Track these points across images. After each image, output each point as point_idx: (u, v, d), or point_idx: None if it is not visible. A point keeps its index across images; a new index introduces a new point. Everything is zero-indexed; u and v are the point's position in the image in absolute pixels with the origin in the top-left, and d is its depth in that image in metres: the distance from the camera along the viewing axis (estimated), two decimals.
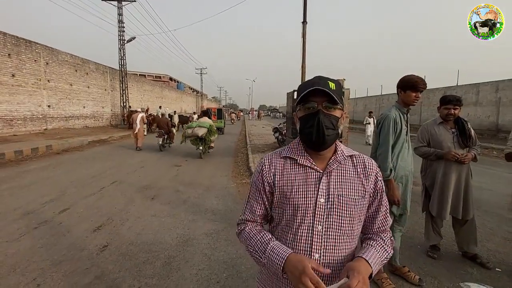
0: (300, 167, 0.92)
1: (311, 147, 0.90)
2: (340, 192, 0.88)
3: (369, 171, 0.94)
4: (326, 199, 0.88)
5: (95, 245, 3.05)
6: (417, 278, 2.37)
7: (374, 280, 2.38)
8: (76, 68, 16.10)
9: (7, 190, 4.98)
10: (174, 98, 37.76)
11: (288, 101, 8.01)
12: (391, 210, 2.27)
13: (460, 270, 2.56)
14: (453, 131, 2.63)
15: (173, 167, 7.44)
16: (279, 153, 0.98)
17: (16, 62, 11.84)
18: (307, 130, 0.87)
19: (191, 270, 2.60)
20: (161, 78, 44.58)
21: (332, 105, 0.86)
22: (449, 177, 2.60)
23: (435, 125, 2.72)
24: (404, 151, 2.28)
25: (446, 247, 2.99)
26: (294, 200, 0.89)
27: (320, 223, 0.87)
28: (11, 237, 3.21)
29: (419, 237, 3.22)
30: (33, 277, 2.46)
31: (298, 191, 0.89)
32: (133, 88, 23.00)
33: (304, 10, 9.03)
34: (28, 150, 8.48)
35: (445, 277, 2.46)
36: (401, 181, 2.28)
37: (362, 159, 0.96)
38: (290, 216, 0.90)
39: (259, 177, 0.96)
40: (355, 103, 32.31)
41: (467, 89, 17.81)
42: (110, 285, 2.36)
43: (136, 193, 5.03)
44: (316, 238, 0.87)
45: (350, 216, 0.88)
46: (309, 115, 0.87)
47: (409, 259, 2.76)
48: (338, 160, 0.92)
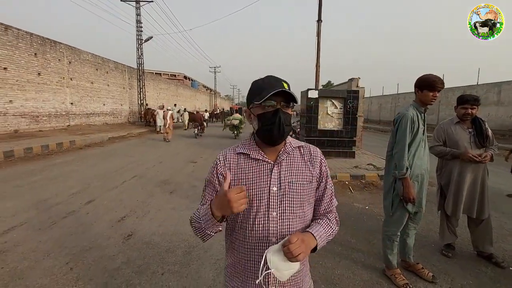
0: (253, 161, 0.99)
1: (269, 141, 0.97)
2: (290, 179, 0.97)
3: (315, 159, 1.04)
4: (278, 187, 0.96)
5: (120, 234, 3.26)
6: (431, 275, 2.41)
7: (387, 275, 2.44)
8: (97, 67, 16.71)
9: (38, 182, 5.33)
10: (188, 96, 38.37)
11: (302, 100, 8.06)
12: (406, 208, 2.32)
13: (474, 269, 2.57)
14: (470, 131, 2.64)
15: (189, 163, 7.67)
16: (233, 149, 1.04)
17: (42, 61, 12.44)
18: (268, 126, 0.94)
19: (210, 259, 2.75)
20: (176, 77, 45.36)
21: (288, 104, 0.95)
22: (464, 177, 2.61)
23: (451, 125, 2.73)
24: (420, 150, 2.32)
25: (461, 246, 3.00)
26: (249, 192, 0.96)
27: (274, 209, 0.95)
28: (43, 225, 3.47)
29: (433, 236, 3.23)
30: (65, 261, 2.68)
31: (252, 182, 0.96)
32: (149, 86, 23.59)
33: (319, 9, 9.01)
34: (53, 145, 8.96)
35: (459, 275, 2.48)
36: (417, 179, 2.32)
37: (308, 149, 1.05)
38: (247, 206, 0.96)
39: (214, 172, 1.02)
40: (370, 102, 31.69)
41: (488, 88, 17.12)
42: (136, 271, 2.54)
43: (156, 187, 5.26)
44: (272, 224, 0.95)
45: (300, 200, 0.97)
46: (270, 113, 0.93)
47: (423, 257, 2.79)
48: (287, 151, 1.00)
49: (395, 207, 2.37)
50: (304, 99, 7.72)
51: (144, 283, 2.36)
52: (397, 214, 2.37)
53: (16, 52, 11.09)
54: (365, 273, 2.54)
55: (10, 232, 3.24)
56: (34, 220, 3.59)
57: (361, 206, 4.38)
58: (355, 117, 7.57)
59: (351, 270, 2.58)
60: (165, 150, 9.87)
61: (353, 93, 7.57)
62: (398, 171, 2.26)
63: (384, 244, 2.48)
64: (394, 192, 2.36)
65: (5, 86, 10.60)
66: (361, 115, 8.97)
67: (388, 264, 2.46)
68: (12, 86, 10.93)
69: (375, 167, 6.37)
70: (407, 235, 2.49)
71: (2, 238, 3.09)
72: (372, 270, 2.58)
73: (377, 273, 2.54)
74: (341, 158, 7.48)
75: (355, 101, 7.48)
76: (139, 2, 18.91)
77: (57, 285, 2.31)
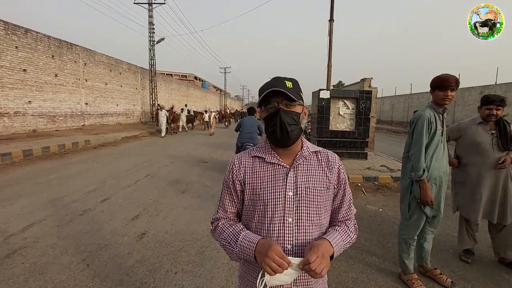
0: (268, 164, 0.97)
1: (277, 144, 0.95)
2: (307, 184, 0.94)
3: (332, 164, 1.00)
4: (294, 193, 0.93)
5: (134, 233, 3.31)
6: (449, 281, 2.34)
7: (403, 280, 2.39)
8: (111, 68, 17.10)
9: (55, 180, 5.49)
10: (199, 97, 38.73)
11: (314, 100, 7.99)
12: (423, 211, 2.26)
13: (496, 276, 2.48)
14: (493, 133, 2.53)
15: (200, 163, 7.73)
16: (248, 152, 1.03)
17: (59, 63, 12.83)
18: (271, 128, 0.92)
19: (222, 259, 2.75)
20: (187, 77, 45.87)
21: (291, 102, 0.91)
22: (483, 180, 2.51)
23: (473, 125, 2.62)
24: (439, 151, 2.25)
25: (481, 252, 2.89)
26: (264, 196, 0.94)
27: (290, 215, 0.92)
28: (61, 222, 3.57)
29: (452, 241, 3.13)
30: (82, 258, 2.74)
31: (267, 187, 0.94)
32: (161, 87, 23.94)
33: (331, 8, 8.91)
34: (69, 144, 9.22)
35: (479, 282, 2.40)
36: (435, 182, 2.26)
37: (326, 154, 1.02)
38: (261, 211, 0.94)
39: (230, 176, 1.01)
40: (382, 102, 31.11)
41: (508, 88, 16.49)
42: (150, 269, 2.57)
43: (168, 186, 5.33)
44: (287, 230, 0.92)
45: (317, 207, 0.94)
46: (271, 114, 0.92)
47: (441, 262, 2.71)
48: (304, 155, 0.97)
49: (412, 210, 2.31)
50: (316, 99, 7.65)
51: (158, 281, 2.39)
52: (414, 217, 2.31)
53: (35, 54, 11.48)
54: (380, 277, 2.49)
55: (30, 228, 3.35)
56: (52, 217, 3.70)
57: (375, 208, 4.30)
58: (368, 117, 7.45)
59: (365, 274, 2.53)
60: (175, 150, 9.98)
61: (366, 93, 7.45)
62: (415, 173, 2.20)
63: (401, 248, 2.43)
64: (411, 195, 2.30)
65: (24, 87, 10.98)
66: (373, 115, 8.81)
67: (405, 268, 2.40)
68: (31, 87, 11.31)
69: (388, 169, 6.25)
70: (425, 239, 2.43)
71: (22, 234, 3.19)
72: (388, 275, 2.53)
73: (392, 277, 2.48)
74: (353, 160, 7.38)
75: (368, 102, 7.36)
76: (152, 4, 19.22)
77: (75, 281, 2.36)
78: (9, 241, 3.02)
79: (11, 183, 5.23)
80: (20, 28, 10.77)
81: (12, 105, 10.47)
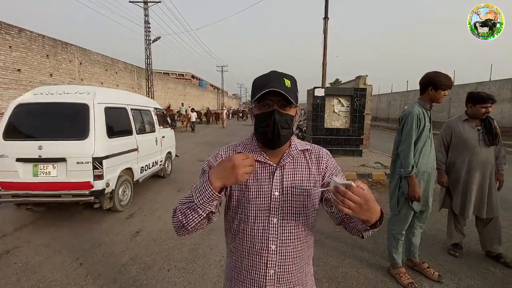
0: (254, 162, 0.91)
1: (266, 144, 0.91)
2: (293, 184, 0.90)
3: (321, 160, 0.96)
4: (280, 192, 0.89)
5: (128, 231, 3.34)
6: (437, 274, 2.39)
7: (392, 274, 2.43)
8: (106, 67, 17.01)
9: None
10: (196, 95, 38.62)
11: (309, 98, 8.02)
12: (411, 206, 2.30)
13: (482, 269, 2.53)
14: (479, 129, 2.59)
15: (196, 162, 7.75)
16: (234, 147, 0.98)
17: (54, 62, 12.75)
18: (262, 129, 0.87)
19: (215, 256, 2.79)
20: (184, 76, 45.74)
21: (288, 104, 0.86)
22: (472, 176, 2.57)
23: (459, 122, 2.68)
24: (426, 147, 2.29)
25: (469, 246, 2.95)
26: (249, 194, 0.90)
27: (275, 215, 0.89)
28: (54, 222, 3.58)
29: (441, 235, 3.19)
30: (76, 256, 2.76)
31: (252, 185, 0.90)
32: (157, 86, 23.85)
33: (325, 6, 8.92)
34: None
35: (466, 275, 2.45)
36: (422, 177, 2.30)
37: (316, 150, 0.98)
38: (246, 209, 0.91)
39: (213, 165, 0.94)
40: (379, 99, 31.23)
41: (501, 84, 16.64)
42: (142, 267, 2.60)
43: (163, 185, 5.35)
44: (272, 230, 0.89)
45: (304, 207, 0.91)
46: (265, 114, 0.86)
47: (429, 256, 2.76)
48: (292, 154, 0.93)
49: (401, 206, 2.35)
50: (310, 97, 7.68)
51: (151, 279, 2.42)
52: (402, 212, 2.35)
53: (29, 54, 11.40)
54: (369, 271, 2.53)
55: (22, 229, 3.36)
56: (45, 217, 3.71)
57: None
58: (363, 115, 7.49)
59: (355, 269, 2.58)
60: None
61: (360, 91, 7.49)
62: (404, 170, 2.24)
63: (389, 243, 2.47)
64: (399, 190, 2.35)
65: (19, 87, 10.91)
66: (368, 113, 8.85)
67: (393, 263, 2.44)
68: (26, 87, 11.23)
69: (383, 166, 6.30)
70: (413, 234, 2.47)
71: (14, 234, 3.21)
72: (377, 269, 2.57)
73: (382, 271, 2.53)
74: (348, 157, 7.42)
75: (362, 99, 7.40)
76: (147, 3, 19.12)
77: (68, 279, 2.39)
78: (4, 241, 3.03)
79: None
80: (14, 28, 10.69)
81: (6, 105, 10.40)
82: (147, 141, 4.86)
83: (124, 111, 4.31)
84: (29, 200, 3.35)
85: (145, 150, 4.73)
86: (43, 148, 3.31)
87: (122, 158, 3.94)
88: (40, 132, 3.47)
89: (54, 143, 3.35)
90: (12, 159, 3.29)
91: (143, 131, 4.83)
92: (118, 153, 3.83)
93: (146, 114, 5.12)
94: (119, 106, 4.16)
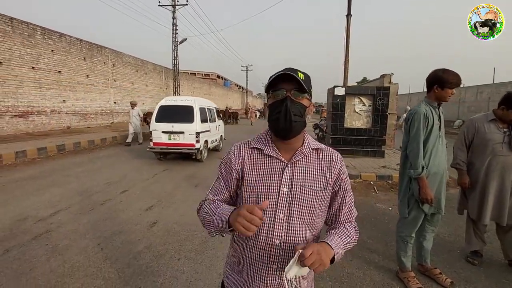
0: (266, 157, 0.95)
1: (278, 134, 0.92)
2: (302, 183, 0.91)
3: (334, 164, 0.96)
4: (289, 189, 0.90)
5: (146, 222, 3.55)
6: (449, 281, 2.28)
7: (400, 278, 2.36)
8: (137, 68, 17.98)
9: (83, 173, 5.97)
10: (221, 95, 39.38)
11: (329, 97, 7.88)
12: (422, 209, 2.22)
13: (501, 279, 2.37)
14: (505, 131, 2.41)
15: (214, 159, 7.96)
16: (247, 143, 1.01)
17: (90, 64, 13.75)
18: (274, 116, 0.90)
19: (224, 250, 2.89)
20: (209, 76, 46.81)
21: (301, 93, 0.89)
22: (491, 178, 2.40)
23: (485, 122, 2.50)
24: (437, 147, 2.20)
25: (491, 254, 2.77)
26: (257, 188, 0.92)
27: (282, 211, 0.90)
28: (84, 210, 3.92)
29: (460, 242, 3.01)
30: (98, 242, 3.01)
31: (262, 180, 0.92)
32: (184, 86, 24.71)
33: (348, 2, 8.67)
34: (98, 140, 9.89)
35: (483, 284, 2.31)
36: (434, 179, 2.21)
37: (328, 153, 0.98)
38: (253, 203, 0.92)
39: (228, 165, 0.99)
40: (409, 98, 29.66)
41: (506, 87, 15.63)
42: (156, 255, 2.77)
43: (182, 180, 5.59)
44: (277, 225, 0.90)
45: (310, 207, 0.91)
46: (278, 101, 0.89)
47: (445, 262, 2.64)
48: (304, 152, 0.94)
49: (410, 208, 2.28)
50: (330, 96, 7.55)
51: (162, 266, 2.58)
52: (412, 215, 2.28)
53: (69, 57, 12.40)
54: (376, 274, 2.48)
55: (56, 215, 3.72)
56: (76, 206, 4.07)
57: (384, 207, 4.20)
58: (385, 115, 7.21)
59: (362, 270, 2.54)
60: None
61: (383, 89, 7.21)
62: (413, 171, 2.17)
63: (398, 246, 2.40)
64: (409, 192, 2.28)
65: (59, 88, 11.93)
66: (393, 112, 8.49)
67: (402, 266, 2.37)
68: (65, 87, 12.25)
69: None
70: (424, 237, 2.38)
71: (49, 219, 3.56)
72: (385, 272, 2.51)
73: (389, 274, 2.46)
74: (369, 158, 7.19)
75: (385, 98, 7.11)
76: (175, 6, 19.87)
77: (89, 262, 2.62)
78: (38, 225, 3.38)
79: (45, 174, 5.78)
80: (55, 33, 11.69)
81: (48, 104, 11.42)
82: (213, 126, 8.34)
83: (206, 109, 7.93)
84: (166, 150, 7.11)
85: (213, 131, 8.28)
86: (173, 127, 6.97)
87: (205, 134, 7.47)
88: (172, 119, 7.04)
89: (178, 124, 6.96)
90: (159, 131, 7.00)
91: (212, 121, 8.29)
92: (204, 131, 7.41)
93: (212, 111, 8.65)
94: (203, 107, 7.81)
